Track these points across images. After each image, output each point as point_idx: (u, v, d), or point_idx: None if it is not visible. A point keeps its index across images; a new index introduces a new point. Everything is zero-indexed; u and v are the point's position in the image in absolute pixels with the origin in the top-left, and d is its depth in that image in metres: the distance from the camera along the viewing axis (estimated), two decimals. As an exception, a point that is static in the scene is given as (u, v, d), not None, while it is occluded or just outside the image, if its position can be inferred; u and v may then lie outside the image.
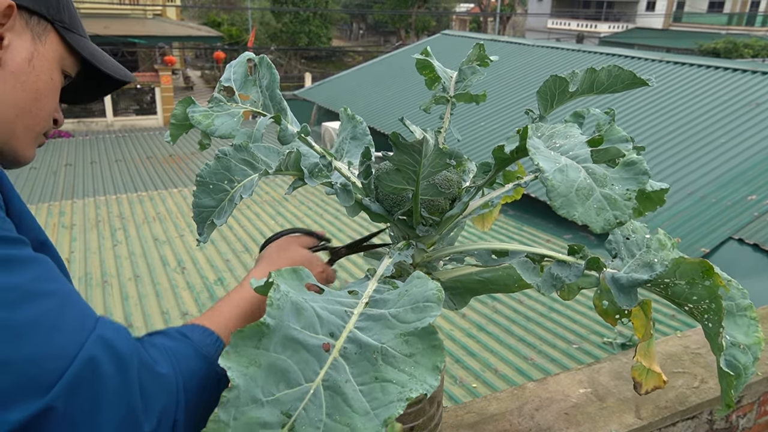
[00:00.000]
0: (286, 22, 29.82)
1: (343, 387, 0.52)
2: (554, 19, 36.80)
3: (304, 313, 0.58)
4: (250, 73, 0.98)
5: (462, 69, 1.06)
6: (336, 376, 0.53)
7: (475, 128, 8.40)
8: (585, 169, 0.51)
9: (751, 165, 5.91)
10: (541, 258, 0.84)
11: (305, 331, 0.56)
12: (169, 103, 18.69)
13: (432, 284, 0.58)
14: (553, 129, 0.57)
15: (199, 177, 0.79)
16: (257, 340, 0.54)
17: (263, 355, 0.54)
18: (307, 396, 0.52)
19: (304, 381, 0.53)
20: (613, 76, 0.73)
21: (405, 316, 0.57)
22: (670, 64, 8.55)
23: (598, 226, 0.50)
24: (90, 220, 6.31)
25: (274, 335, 0.55)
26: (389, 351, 0.54)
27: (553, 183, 0.49)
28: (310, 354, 0.55)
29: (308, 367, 0.54)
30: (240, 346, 0.54)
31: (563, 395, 1.51)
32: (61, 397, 0.52)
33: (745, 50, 23.62)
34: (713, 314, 0.69)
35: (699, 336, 1.78)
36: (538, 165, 0.49)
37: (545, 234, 5.80)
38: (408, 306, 0.57)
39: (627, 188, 0.51)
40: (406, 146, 0.66)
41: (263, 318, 0.56)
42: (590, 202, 0.49)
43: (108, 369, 0.56)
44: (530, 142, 0.52)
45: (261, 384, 0.52)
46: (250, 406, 0.51)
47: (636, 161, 0.53)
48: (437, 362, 0.53)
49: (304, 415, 0.51)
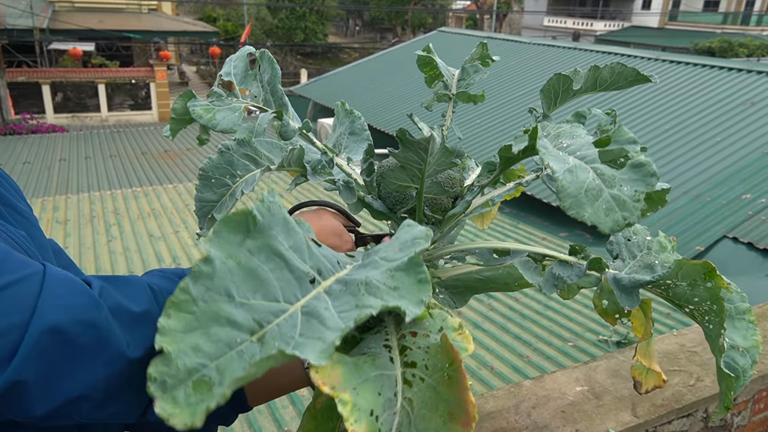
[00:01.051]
0: (282, 17, 29.73)
1: (321, 312, 0.49)
2: (550, 17, 36.83)
3: (294, 236, 0.55)
4: (250, 68, 0.97)
5: (465, 67, 1.06)
6: (316, 304, 0.50)
7: (471, 125, 8.40)
8: (593, 169, 0.51)
9: (745, 164, 5.94)
10: (542, 258, 0.84)
11: (292, 252, 0.53)
12: (164, 98, 18.62)
13: (420, 227, 0.55)
14: (559, 128, 0.57)
15: (201, 171, 0.78)
16: (242, 236, 0.50)
17: (245, 256, 0.50)
18: (283, 315, 0.48)
19: (282, 300, 0.50)
20: (617, 73, 0.73)
21: (392, 255, 0.54)
22: (665, 63, 8.58)
23: (606, 226, 0.50)
24: (84, 216, 6.28)
25: (258, 238, 0.51)
26: (373, 282, 0.51)
27: (563, 183, 0.49)
28: (294, 277, 0.52)
29: (289, 289, 0.51)
30: (223, 235, 0.50)
31: (560, 393, 1.51)
32: (24, 369, 0.51)
33: (740, 49, 23.72)
34: (715, 316, 0.70)
35: (695, 334, 1.79)
36: (548, 165, 0.49)
37: (541, 232, 5.81)
38: (397, 247, 0.55)
39: (635, 189, 0.51)
40: (413, 143, 0.66)
41: (250, 207, 0.52)
42: (599, 203, 0.49)
43: (72, 329, 0.53)
44: (540, 142, 0.52)
45: (237, 282, 0.48)
46: (223, 296, 0.47)
47: (645, 163, 0.53)
48: (422, 296, 0.50)
49: (276, 330, 0.47)
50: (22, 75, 17.75)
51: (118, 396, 0.57)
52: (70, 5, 21.86)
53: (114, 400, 0.57)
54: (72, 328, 0.53)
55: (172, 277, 0.67)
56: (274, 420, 3.13)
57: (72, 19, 19.52)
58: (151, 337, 0.57)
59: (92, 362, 0.54)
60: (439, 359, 0.52)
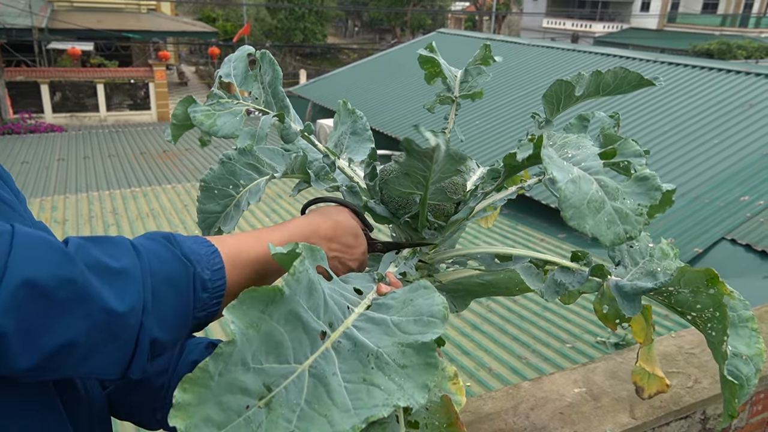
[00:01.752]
0: (281, 18, 29.71)
1: (328, 378, 0.51)
2: (549, 19, 36.84)
3: (315, 294, 0.57)
4: (250, 68, 0.96)
5: (468, 69, 1.06)
6: (324, 366, 0.52)
7: (470, 126, 8.41)
8: (597, 181, 0.51)
9: (744, 166, 5.95)
10: (544, 264, 0.85)
11: (310, 312, 0.56)
12: (163, 98, 18.58)
13: (438, 299, 0.57)
14: (566, 138, 0.57)
15: (203, 182, 0.78)
16: (266, 304, 0.53)
17: (265, 322, 0.52)
18: (291, 376, 0.51)
19: (292, 361, 0.52)
20: (620, 77, 0.73)
21: (407, 327, 0.56)
22: (664, 65, 8.59)
23: (607, 239, 0.50)
24: (83, 216, 6.28)
25: (282, 306, 0.54)
26: (383, 357, 0.53)
27: (566, 194, 0.49)
28: (307, 336, 0.54)
29: (301, 349, 0.53)
30: (248, 305, 0.52)
31: (558, 395, 1.52)
32: (2, 323, 0.51)
33: (739, 51, 23.74)
34: (717, 323, 0.69)
35: (693, 336, 1.80)
36: (552, 175, 0.50)
37: (539, 233, 5.82)
38: (411, 317, 0.56)
39: (639, 203, 0.51)
40: (418, 153, 0.66)
41: (280, 284, 0.54)
42: (601, 215, 0.49)
43: (47, 282, 0.53)
44: (545, 151, 0.52)
45: (254, 349, 0.51)
46: (238, 367, 0.50)
47: (649, 176, 0.53)
48: (428, 381, 0.52)
49: (283, 394, 0.50)
50: (21, 74, 17.72)
51: (101, 349, 0.57)
52: (69, 5, 21.83)
53: (97, 353, 0.57)
54: (48, 282, 0.53)
55: (156, 237, 0.66)
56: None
57: (71, 19, 19.49)
58: (131, 291, 0.58)
59: (72, 316, 0.54)
60: (438, 418, 0.55)
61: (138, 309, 0.58)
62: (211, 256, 0.66)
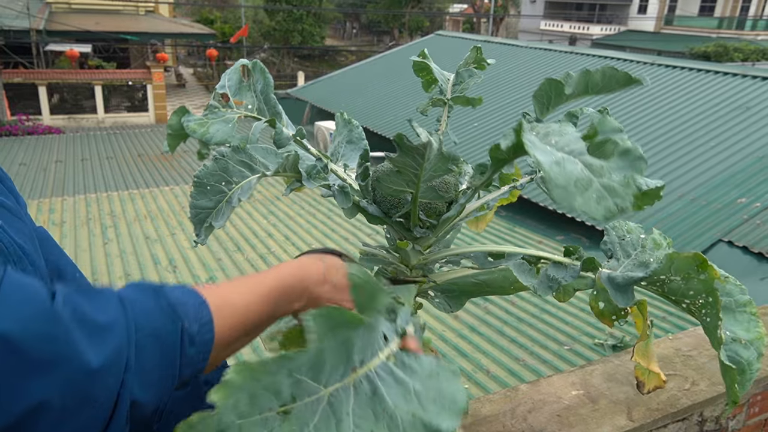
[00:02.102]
0: (280, 20, 29.74)
1: (341, 415, 0.52)
2: (547, 21, 36.96)
3: (372, 337, 0.59)
4: (244, 79, 0.98)
5: (459, 72, 1.07)
6: (342, 399, 0.53)
7: (468, 129, 8.42)
8: (582, 161, 0.51)
9: (740, 168, 5.96)
10: (537, 260, 0.84)
11: (359, 351, 0.57)
12: (160, 100, 18.59)
13: (464, 390, 0.57)
14: (548, 128, 0.57)
15: (196, 178, 0.78)
16: (339, 325, 0.55)
17: (329, 340, 0.54)
18: (313, 396, 0.52)
19: (323, 384, 0.53)
20: (608, 76, 0.73)
21: (426, 402, 0.55)
22: (661, 67, 8.61)
23: (599, 214, 0.49)
24: (80, 218, 6.26)
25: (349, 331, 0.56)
26: (398, 421, 0.53)
27: (551, 175, 0.48)
28: (344, 366, 0.55)
29: (333, 376, 0.54)
30: (333, 320, 0.54)
31: (556, 397, 1.51)
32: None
33: (735, 54, 23.84)
34: (711, 308, 0.70)
35: (690, 338, 1.80)
36: (535, 158, 0.49)
37: (537, 235, 5.82)
38: (433, 393, 0.56)
39: (624, 174, 0.51)
40: (410, 149, 0.66)
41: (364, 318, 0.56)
42: (589, 192, 0.49)
43: (24, 340, 0.50)
44: (526, 135, 0.52)
45: (307, 360, 0.52)
46: (284, 371, 0.52)
47: (630, 148, 0.52)
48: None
49: (301, 410, 0.51)
50: (19, 76, 17.71)
51: (77, 412, 0.54)
52: (67, 7, 21.84)
53: (74, 415, 0.54)
54: (24, 339, 0.50)
55: (144, 287, 0.63)
56: None
57: (69, 21, 19.50)
58: (114, 347, 0.55)
59: (48, 377, 0.51)
60: None
61: (120, 366, 0.55)
62: (199, 307, 0.63)
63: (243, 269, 5.04)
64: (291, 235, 5.83)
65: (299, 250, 5.51)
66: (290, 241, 5.69)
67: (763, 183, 5.64)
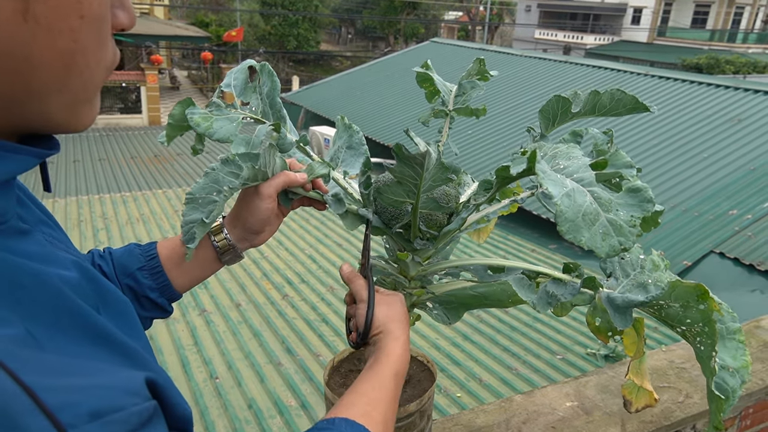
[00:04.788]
0: (275, 24, 29.77)
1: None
2: (541, 30, 37.21)
3: None
4: (250, 80, 0.97)
5: (462, 83, 1.07)
6: None
7: (462, 136, 8.44)
8: (591, 193, 0.51)
9: (732, 180, 6.02)
10: (536, 275, 0.84)
11: None
12: (154, 102, 18.51)
13: None
14: (556, 149, 0.57)
15: (188, 195, 0.78)
16: None
17: None
18: None
19: None
20: (616, 99, 0.73)
21: None
22: (654, 78, 8.69)
23: (603, 251, 0.50)
24: (72, 220, 6.21)
25: None
26: None
27: (562, 208, 0.49)
28: None
29: None
30: None
31: (550, 408, 1.51)
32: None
33: (727, 66, 24.10)
34: (706, 338, 0.70)
35: (683, 351, 1.80)
36: (547, 190, 0.49)
37: (531, 244, 5.83)
38: None
39: (632, 215, 0.51)
40: (408, 158, 0.66)
41: None
42: (596, 228, 0.49)
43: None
44: (539, 165, 0.52)
45: None
46: None
47: (641, 188, 0.53)
48: None
49: None
50: (11, 76, 17.58)
51: None
52: (62, 7, 21.72)
53: None
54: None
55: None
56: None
57: (63, 21, 19.38)
58: None
59: None
60: None
61: None
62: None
63: (234, 274, 5.02)
64: (284, 239, 5.82)
65: (292, 255, 5.49)
66: (283, 246, 5.67)
67: (754, 195, 5.69)
